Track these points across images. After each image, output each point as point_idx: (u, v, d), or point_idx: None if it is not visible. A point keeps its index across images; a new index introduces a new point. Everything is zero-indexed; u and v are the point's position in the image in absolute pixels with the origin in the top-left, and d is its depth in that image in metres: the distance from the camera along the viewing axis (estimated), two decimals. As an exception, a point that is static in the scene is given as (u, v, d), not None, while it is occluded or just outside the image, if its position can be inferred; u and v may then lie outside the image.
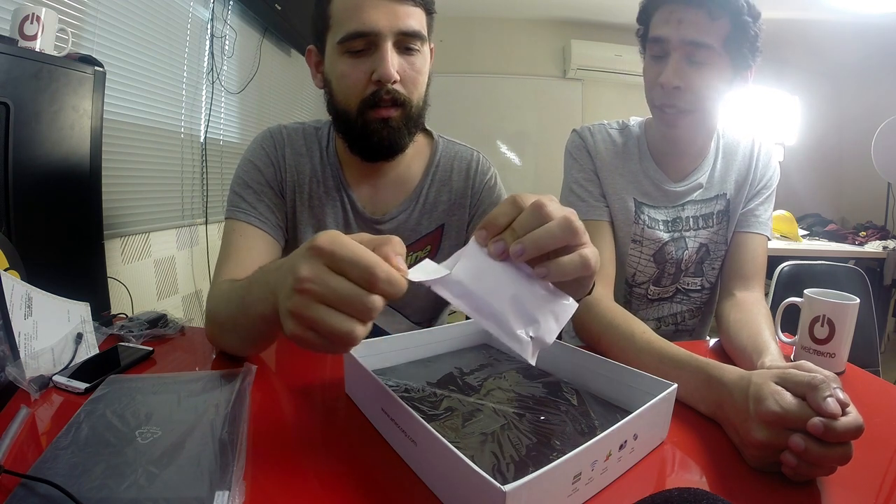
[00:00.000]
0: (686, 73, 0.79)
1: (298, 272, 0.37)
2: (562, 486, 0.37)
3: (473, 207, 0.89)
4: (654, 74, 0.83)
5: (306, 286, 0.36)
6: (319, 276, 0.36)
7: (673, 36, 0.78)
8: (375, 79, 0.71)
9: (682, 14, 0.77)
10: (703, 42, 0.76)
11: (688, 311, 1.01)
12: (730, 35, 0.76)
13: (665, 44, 0.80)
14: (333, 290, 0.36)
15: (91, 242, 1.22)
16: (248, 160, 0.83)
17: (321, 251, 0.37)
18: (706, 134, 0.91)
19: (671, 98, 0.81)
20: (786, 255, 2.14)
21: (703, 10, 0.76)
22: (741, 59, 0.79)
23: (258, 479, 0.41)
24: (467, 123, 3.61)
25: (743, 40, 0.77)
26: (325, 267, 0.37)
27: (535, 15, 3.62)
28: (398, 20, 0.70)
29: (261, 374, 0.60)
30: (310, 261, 0.37)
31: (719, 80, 0.79)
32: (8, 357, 0.54)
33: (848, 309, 0.69)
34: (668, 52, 0.80)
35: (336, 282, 0.36)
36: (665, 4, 0.80)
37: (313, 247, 0.37)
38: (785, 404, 0.43)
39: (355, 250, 0.37)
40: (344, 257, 0.36)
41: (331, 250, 0.37)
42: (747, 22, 0.76)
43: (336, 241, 0.37)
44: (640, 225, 0.93)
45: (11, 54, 0.94)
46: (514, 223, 0.41)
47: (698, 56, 0.78)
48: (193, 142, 2.00)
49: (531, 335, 0.41)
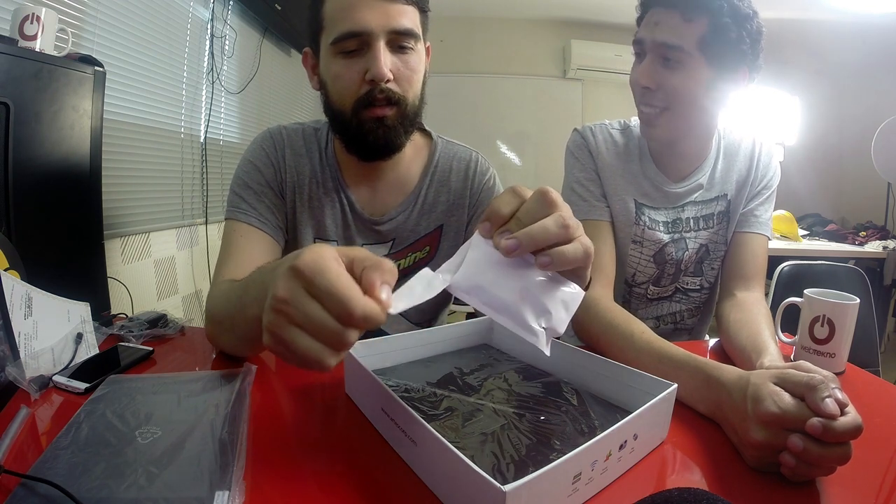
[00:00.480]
0: (658, 73, 0.81)
1: (276, 291, 0.35)
2: (562, 486, 0.37)
3: (472, 208, 0.89)
4: (634, 73, 0.86)
5: (281, 307, 0.35)
6: (295, 299, 0.35)
7: (647, 38, 0.81)
8: (369, 78, 0.71)
9: (659, 17, 0.79)
10: (674, 44, 0.78)
11: (687, 310, 1.01)
12: (706, 36, 0.77)
13: (642, 45, 0.83)
14: (307, 316, 0.34)
15: (91, 242, 1.22)
16: (248, 161, 0.83)
17: (300, 273, 0.35)
18: (699, 135, 0.91)
19: (645, 97, 0.84)
20: (786, 255, 2.14)
21: (676, 12, 0.77)
22: (721, 60, 0.78)
23: (258, 479, 0.41)
24: (467, 123, 3.61)
25: (722, 41, 0.77)
26: (303, 290, 0.35)
27: (535, 15, 3.62)
28: (390, 19, 0.70)
29: (261, 374, 0.60)
30: (288, 281, 0.36)
31: (694, 81, 0.79)
32: (8, 357, 0.54)
33: (848, 309, 0.69)
34: (645, 53, 0.82)
35: (311, 308, 0.35)
36: (651, 8, 0.82)
37: (293, 266, 0.35)
38: (783, 405, 0.43)
39: (333, 281, 0.34)
40: (321, 287, 0.34)
41: (310, 276, 0.35)
42: (727, 23, 0.76)
43: (317, 265, 0.35)
44: (641, 226, 0.93)
45: (11, 54, 0.94)
46: (518, 212, 0.41)
47: (670, 56, 0.79)
48: (193, 142, 2.00)
49: (544, 326, 0.40)
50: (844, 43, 3.03)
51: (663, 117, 0.84)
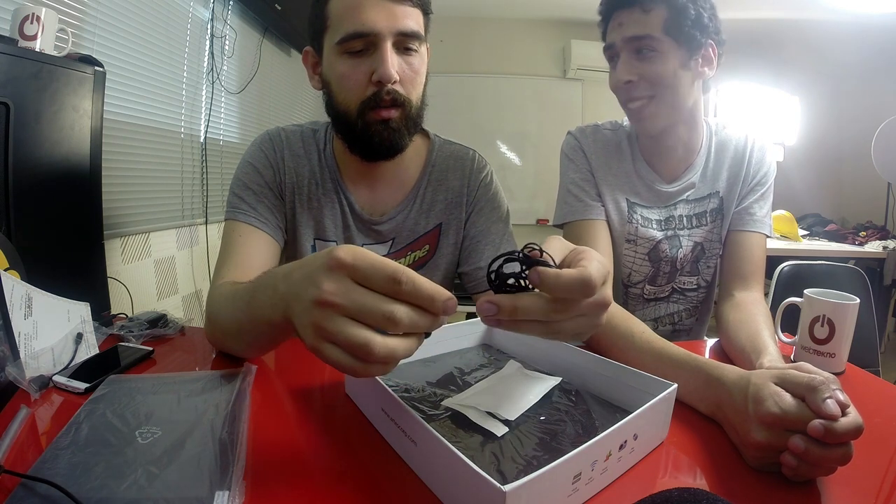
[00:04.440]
0: (637, 66, 0.83)
1: (321, 284, 0.36)
2: (562, 486, 0.37)
3: (470, 205, 0.89)
4: (613, 78, 0.87)
5: (328, 298, 0.36)
6: (343, 288, 0.36)
7: (616, 38, 0.84)
8: (375, 79, 0.71)
9: (622, 17, 0.83)
10: (642, 34, 0.81)
11: (685, 310, 1.01)
12: (668, 20, 0.80)
13: (613, 48, 0.86)
14: (355, 302, 0.36)
15: (91, 242, 1.22)
16: (248, 162, 0.83)
17: (343, 264, 0.36)
18: (686, 126, 0.90)
19: (630, 92, 0.85)
20: (786, 255, 2.14)
21: (636, 7, 0.81)
22: (688, 39, 0.81)
23: (258, 479, 0.41)
24: (467, 123, 3.61)
25: (683, 20, 0.80)
26: (349, 279, 0.36)
27: (535, 15, 3.62)
28: (397, 21, 0.70)
29: (261, 374, 0.60)
30: (332, 273, 0.37)
31: (670, 64, 0.82)
32: (8, 357, 0.54)
33: (848, 309, 0.69)
34: (618, 54, 0.85)
35: (358, 293, 0.36)
36: (611, 16, 0.85)
37: (334, 257, 0.37)
38: (784, 405, 0.43)
39: (376, 260, 0.36)
40: (365, 268, 0.36)
41: (353, 263, 0.36)
42: (683, 4, 0.79)
43: (356, 252, 0.37)
44: (634, 224, 0.93)
45: (11, 54, 0.94)
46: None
47: (642, 47, 0.82)
48: (193, 142, 2.00)
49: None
50: (844, 43, 3.03)
51: (651, 106, 0.85)
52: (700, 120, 0.93)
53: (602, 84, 3.79)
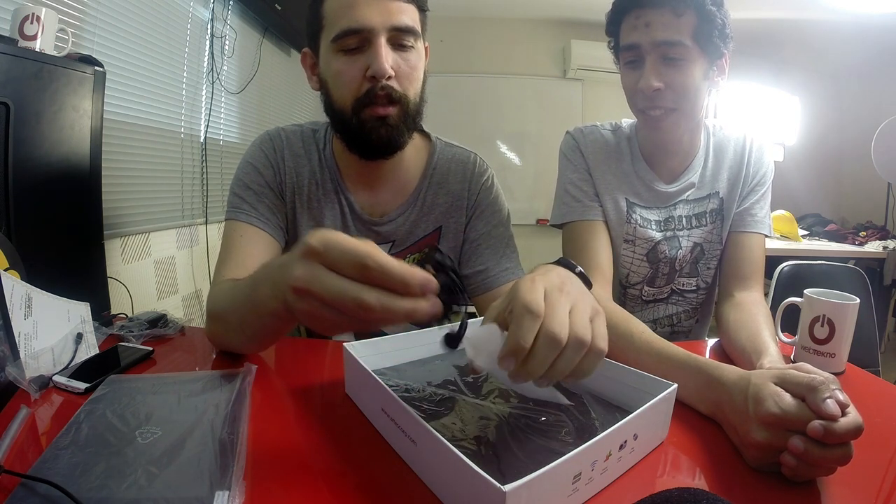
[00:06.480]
0: (664, 73, 0.80)
1: (307, 240, 0.39)
2: (562, 486, 0.37)
3: (471, 209, 0.89)
4: (633, 80, 0.84)
5: (311, 248, 0.38)
6: (313, 276, 0.38)
7: (644, 40, 0.80)
8: (370, 75, 0.71)
9: (649, 17, 0.79)
10: (674, 40, 0.78)
11: (683, 312, 1.01)
12: (697, 27, 0.78)
13: (638, 49, 0.81)
14: (325, 287, 0.37)
15: (91, 242, 1.22)
16: (248, 163, 0.83)
17: (314, 251, 0.38)
18: (690, 131, 0.91)
19: (654, 100, 0.82)
20: (786, 255, 2.14)
21: (667, 9, 0.77)
22: (713, 48, 0.80)
23: (258, 479, 0.41)
24: (467, 123, 3.60)
25: (711, 30, 0.78)
26: (321, 266, 0.38)
27: (535, 15, 3.62)
28: (391, 16, 0.70)
29: (261, 374, 0.60)
30: (303, 261, 0.39)
31: (697, 73, 0.81)
32: (8, 357, 0.54)
33: (848, 309, 0.69)
34: (643, 57, 0.81)
35: (330, 279, 0.38)
36: (631, 11, 0.81)
37: (305, 244, 0.39)
38: (784, 406, 0.43)
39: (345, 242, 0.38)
40: (335, 244, 0.38)
41: (323, 250, 0.38)
42: (712, 11, 0.77)
43: (326, 234, 0.39)
44: (632, 224, 0.93)
45: (11, 54, 0.94)
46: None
47: (672, 54, 0.79)
48: (193, 142, 2.00)
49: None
50: (844, 43, 3.03)
51: (671, 118, 0.83)
52: (701, 122, 0.93)
53: (602, 84, 3.76)
